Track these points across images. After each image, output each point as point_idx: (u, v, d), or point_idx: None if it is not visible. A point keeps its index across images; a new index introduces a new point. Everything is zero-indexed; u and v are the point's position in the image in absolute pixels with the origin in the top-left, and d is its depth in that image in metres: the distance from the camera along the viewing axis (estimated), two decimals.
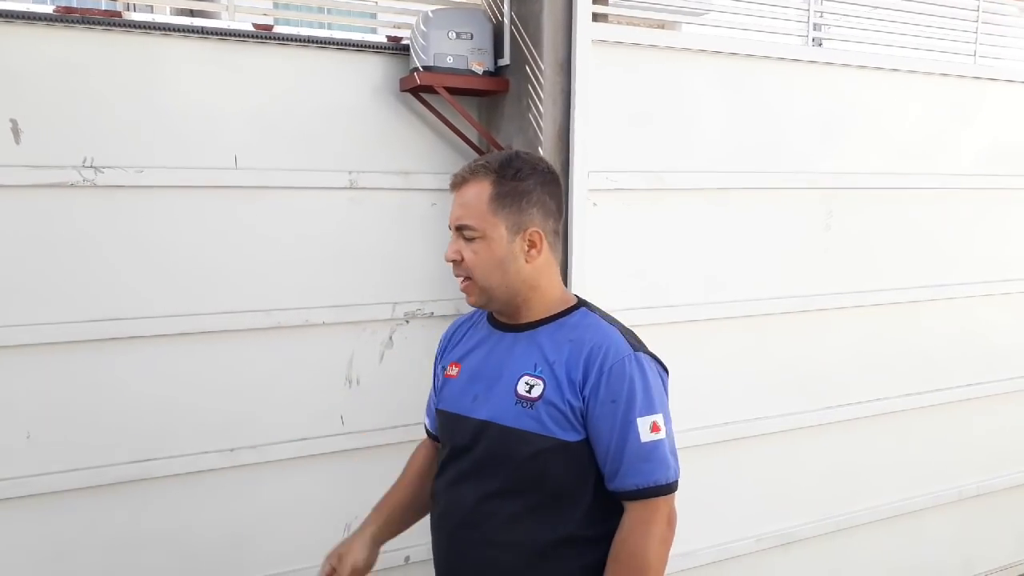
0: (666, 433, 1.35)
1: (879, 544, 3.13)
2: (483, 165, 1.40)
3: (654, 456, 1.33)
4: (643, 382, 1.35)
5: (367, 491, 2.52)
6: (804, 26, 2.71)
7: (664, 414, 1.36)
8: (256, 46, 2.24)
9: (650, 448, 1.33)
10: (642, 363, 1.36)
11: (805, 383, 2.85)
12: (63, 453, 2.16)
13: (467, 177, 1.40)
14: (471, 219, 1.38)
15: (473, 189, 1.39)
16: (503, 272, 1.38)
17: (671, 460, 1.36)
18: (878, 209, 2.90)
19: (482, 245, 1.37)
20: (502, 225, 1.37)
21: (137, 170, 2.14)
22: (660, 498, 1.34)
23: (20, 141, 2.03)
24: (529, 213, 1.39)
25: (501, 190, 1.37)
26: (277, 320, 2.34)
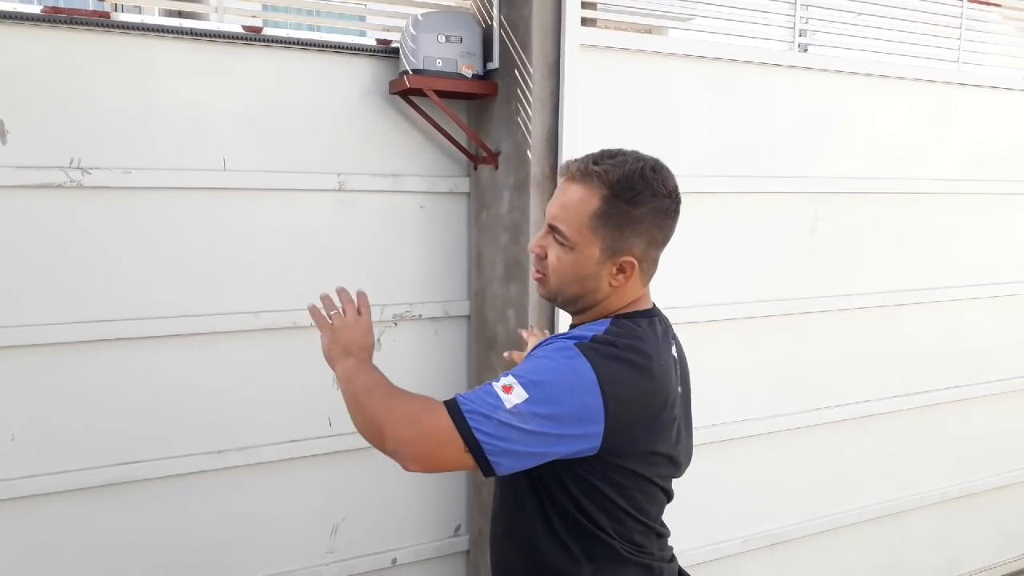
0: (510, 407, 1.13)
1: (865, 545, 3.16)
2: (601, 173, 1.22)
3: (482, 396, 1.16)
4: (550, 364, 1.18)
5: (354, 494, 2.55)
6: (790, 32, 2.74)
7: (531, 396, 1.14)
8: (245, 48, 2.24)
9: (487, 390, 1.16)
10: (570, 353, 1.18)
11: (791, 385, 2.87)
12: (49, 455, 2.15)
13: (580, 178, 1.24)
14: (566, 226, 1.24)
15: (580, 194, 1.23)
16: (580, 287, 1.27)
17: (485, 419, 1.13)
18: (863, 213, 2.92)
19: (569, 255, 1.25)
20: (597, 245, 1.24)
21: (124, 171, 2.14)
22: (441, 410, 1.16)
23: (6, 141, 2.03)
24: (630, 241, 1.24)
25: (608, 210, 1.22)
26: (265, 322, 2.34)
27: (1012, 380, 3.39)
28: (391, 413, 1.21)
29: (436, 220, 2.57)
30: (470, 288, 2.65)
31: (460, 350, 2.67)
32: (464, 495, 2.75)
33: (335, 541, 2.55)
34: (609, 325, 1.27)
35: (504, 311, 2.46)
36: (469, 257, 2.64)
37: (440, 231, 2.58)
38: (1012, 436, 3.46)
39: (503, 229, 2.44)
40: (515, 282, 2.40)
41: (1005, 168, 3.23)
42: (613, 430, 1.18)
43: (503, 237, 2.44)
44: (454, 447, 1.15)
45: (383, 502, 2.60)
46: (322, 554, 2.54)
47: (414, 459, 1.18)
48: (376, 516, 2.60)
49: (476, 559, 2.73)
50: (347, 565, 2.56)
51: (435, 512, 2.70)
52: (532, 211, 2.31)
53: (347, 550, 2.57)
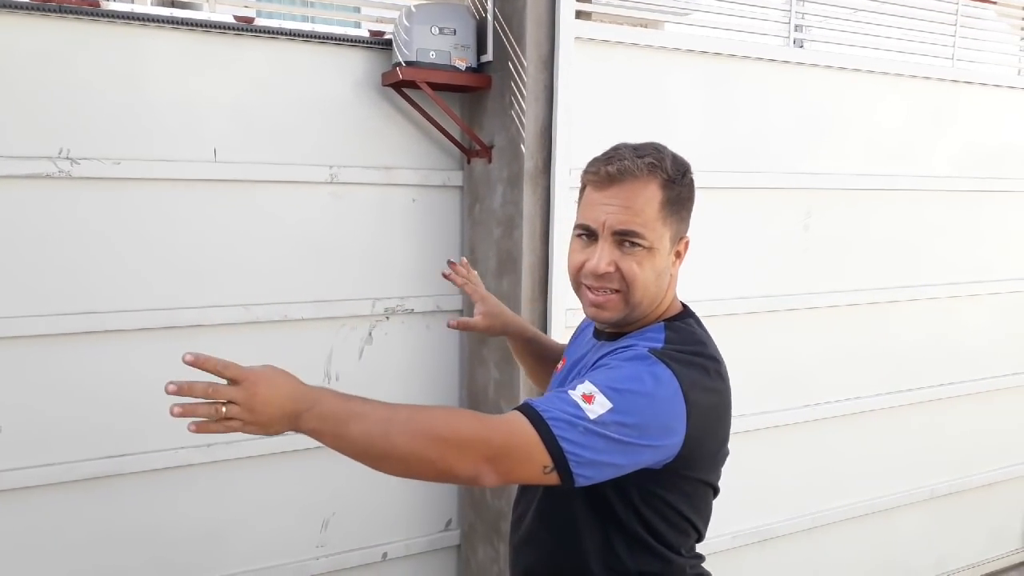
0: (595, 418, 1.05)
1: (854, 541, 3.17)
2: (654, 163, 1.17)
3: (562, 404, 1.07)
4: (630, 372, 1.10)
5: (344, 488, 2.54)
6: (785, 27, 2.73)
7: (615, 406, 1.06)
8: (236, 38, 2.22)
9: (567, 399, 1.07)
10: (652, 365, 1.11)
11: (781, 382, 2.87)
12: (37, 448, 2.13)
13: (628, 177, 1.16)
14: (642, 227, 1.16)
15: (641, 190, 1.16)
16: (658, 286, 1.21)
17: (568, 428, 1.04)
18: (857, 210, 2.92)
19: (647, 257, 1.17)
20: (667, 236, 1.19)
21: (114, 162, 2.12)
22: (523, 421, 1.05)
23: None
24: (686, 222, 1.23)
25: (672, 195, 1.18)
26: (255, 315, 2.33)
27: (1002, 378, 3.40)
28: (445, 439, 1.03)
29: (429, 213, 2.55)
30: None
31: (452, 344, 2.66)
32: (455, 490, 2.74)
33: (325, 535, 2.54)
34: (666, 332, 1.21)
35: None
36: (461, 251, 2.62)
37: (433, 225, 2.57)
38: (1001, 434, 3.48)
39: (496, 223, 2.42)
40: (508, 276, 2.39)
41: (999, 165, 3.23)
42: (691, 437, 1.12)
43: (496, 231, 2.43)
44: (537, 458, 1.04)
45: (373, 496, 2.59)
46: (312, 548, 2.53)
47: (496, 477, 1.05)
48: (366, 510, 2.59)
49: (467, 553, 2.73)
50: (337, 559, 2.56)
51: (426, 506, 2.70)
52: (525, 205, 2.30)
53: (337, 544, 2.56)
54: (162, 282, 2.22)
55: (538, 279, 2.35)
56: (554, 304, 2.32)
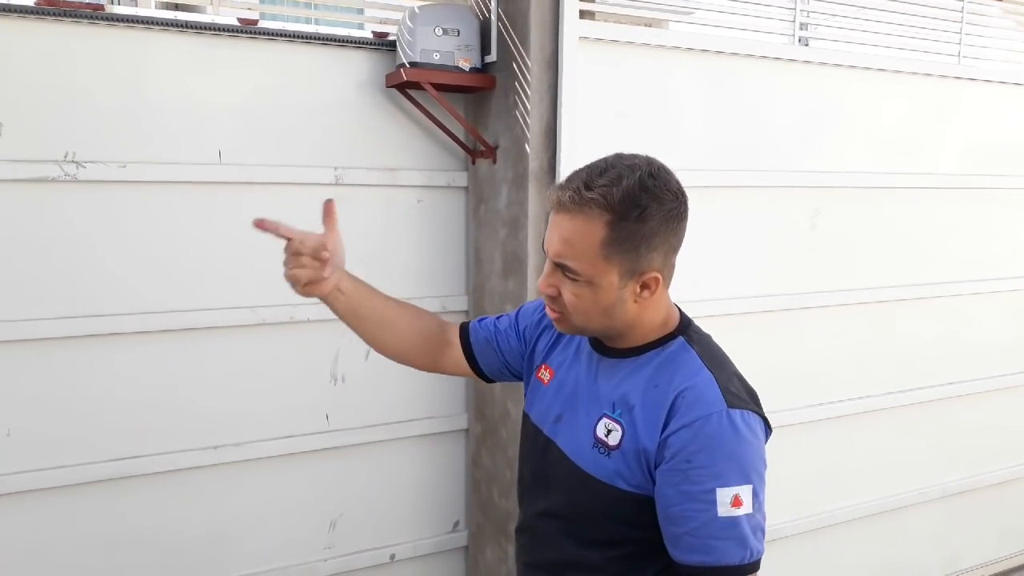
0: (753, 508, 1.09)
1: (863, 541, 3.15)
2: (598, 198, 1.09)
3: (728, 533, 1.08)
4: (731, 446, 1.11)
5: (352, 489, 2.54)
6: (790, 25, 2.72)
7: (754, 487, 1.10)
8: (240, 41, 2.22)
9: (726, 523, 1.08)
10: (735, 422, 1.11)
11: (789, 381, 2.86)
12: (43, 450, 2.14)
13: (574, 207, 1.11)
14: (575, 262, 1.12)
15: (581, 225, 1.11)
16: (607, 317, 1.17)
17: (751, 539, 1.09)
18: (863, 208, 2.91)
19: (586, 290, 1.14)
20: (615, 272, 1.13)
21: (120, 165, 2.12)
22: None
23: (0, 135, 2.01)
24: (648, 258, 1.14)
25: (618, 234, 1.10)
26: (262, 317, 2.33)
27: (1012, 376, 3.38)
28: None
29: (434, 215, 2.55)
30: (468, 283, 2.63)
31: None
32: (463, 491, 2.74)
33: (333, 537, 2.54)
34: (693, 347, 1.21)
35: (503, 306, 2.44)
36: (467, 252, 2.62)
37: (438, 226, 2.57)
38: (1012, 432, 3.45)
39: (501, 224, 2.42)
40: (513, 277, 2.39)
41: (1006, 163, 3.21)
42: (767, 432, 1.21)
43: (501, 232, 2.42)
44: None
45: (381, 498, 2.59)
46: (320, 550, 2.53)
47: None
48: (374, 512, 2.59)
49: (475, 555, 2.72)
50: (345, 561, 2.55)
51: (433, 508, 2.69)
52: (531, 205, 2.29)
53: (345, 546, 2.56)
54: (168, 284, 2.22)
55: None
56: None
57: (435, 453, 2.67)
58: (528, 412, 1.37)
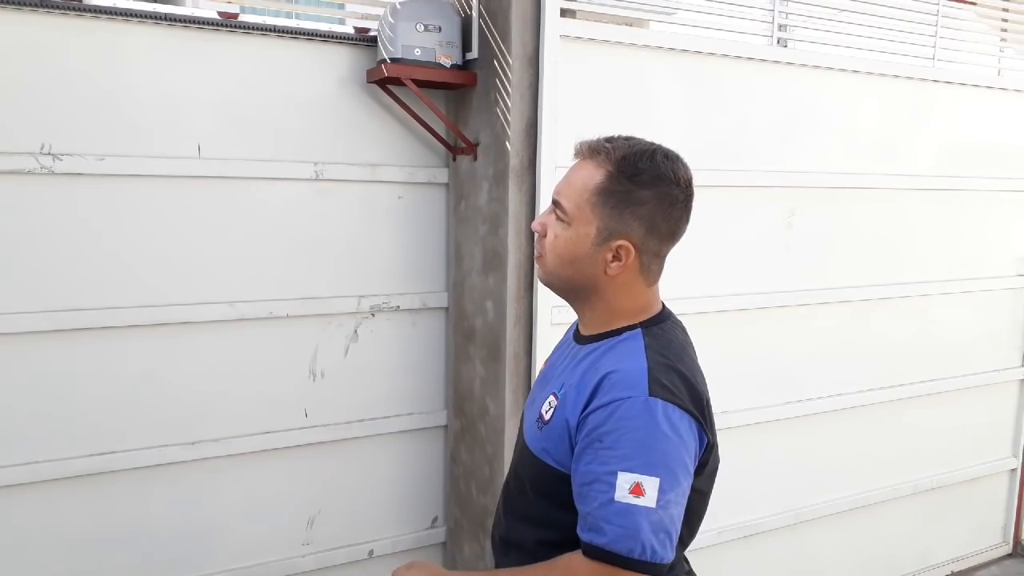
0: (656, 503, 1.08)
1: (838, 536, 3.20)
2: (609, 150, 1.19)
3: (620, 520, 1.08)
4: (644, 433, 1.09)
5: (331, 485, 2.54)
6: (769, 27, 2.75)
7: (663, 482, 1.08)
8: (220, 34, 2.21)
9: (620, 509, 1.08)
10: (653, 411, 1.10)
11: (766, 379, 2.89)
12: (20, 446, 2.12)
13: (588, 154, 1.21)
14: (567, 201, 1.21)
15: (586, 170, 1.20)
16: (574, 269, 1.22)
17: (646, 535, 1.08)
18: (839, 207, 2.95)
19: (565, 232, 1.21)
20: (595, 224, 1.19)
21: (97, 158, 2.11)
22: (617, 570, 1.09)
23: None
24: (629, 224, 1.19)
25: (611, 186, 1.18)
26: (241, 312, 2.32)
27: (983, 374, 3.44)
28: None
29: (414, 211, 2.55)
30: (448, 279, 2.64)
31: (438, 342, 2.67)
32: (441, 487, 2.74)
33: (311, 533, 2.53)
34: (644, 338, 1.21)
35: (483, 303, 2.45)
36: (447, 248, 2.63)
37: (418, 222, 2.57)
38: (983, 429, 3.52)
39: (482, 220, 2.43)
40: (494, 273, 2.39)
41: (978, 164, 3.27)
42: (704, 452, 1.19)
43: (482, 228, 2.43)
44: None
45: (360, 494, 2.59)
46: (299, 546, 2.52)
47: None
48: (353, 508, 2.59)
49: (452, 550, 2.73)
50: (324, 557, 2.55)
51: (412, 504, 2.70)
52: (511, 202, 2.30)
53: (324, 542, 2.56)
54: (149, 279, 2.21)
55: (524, 276, 2.35)
56: (539, 301, 2.32)
57: (414, 449, 2.68)
58: None
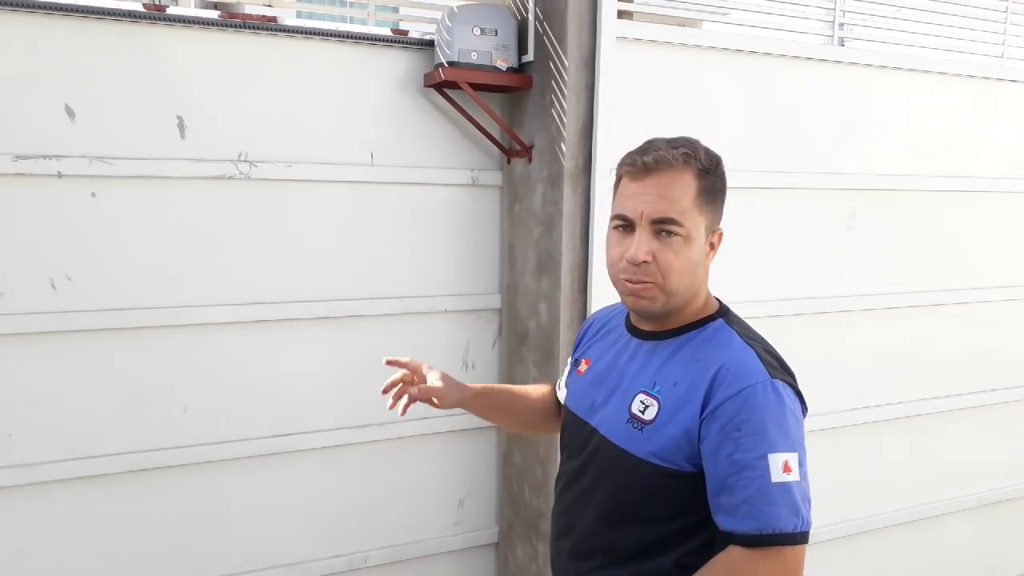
0: (800, 476, 1.12)
1: (898, 549, 3.11)
2: (688, 154, 1.19)
3: (783, 500, 1.10)
4: (778, 414, 1.14)
5: (479, 470, 2.69)
6: (828, 25, 2.70)
7: (799, 455, 1.13)
8: (290, 41, 2.27)
9: (780, 490, 1.10)
10: (779, 391, 1.15)
11: (825, 385, 2.82)
12: (215, 424, 2.33)
13: (664, 166, 1.18)
14: (679, 215, 1.17)
15: (676, 179, 1.18)
16: (693, 276, 1.22)
17: (802, 507, 1.12)
18: (901, 211, 2.87)
19: (683, 246, 1.19)
20: (703, 225, 1.20)
21: (287, 164, 2.27)
22: (784, 548, 1.10)
23: (185, 136, 2.16)
24: (720, 211, 1.24)
25: (706, 184, 1.19)
26: (407, 307, 2.48)
27: None
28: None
29: (468, 213, 2.57)
30: (501, 282, 2.65)
31: (490, 344, 2.67)
32: (493, 487, 2.75)
33: (461, 513, 2.68)
34: (733, 328, 1.24)
35: (536, 305, 2.45)
36: (501, 251, 2.64)
37: (472, 224, 2.58)
38: None
39: (536, 222, 2.43)
40: (547, 276, 2.39)
41: None
42: None
43: (536, 231, 2.43)
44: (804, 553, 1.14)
45: (414, 493, 2.62)
46: (450, 525, 2.67)
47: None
48: (411, 507, 2.63)
49: (505, 552, 2.73)
50: (471, 537, 2.70)
51: (465, 504, 2.71)
52: (566, 204, 2.30)
53: (471, 523, 2.70)
54: (329, 275, 2.40)
55: (578, 279, 2.35)
56: (593, 303, 2.31)
57: (465, 450, 2.69)
58: (567, 405, 1.41)
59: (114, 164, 2.12)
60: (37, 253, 2.09)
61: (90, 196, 2.12)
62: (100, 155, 2.11)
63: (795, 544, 1.11)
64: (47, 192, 2.08)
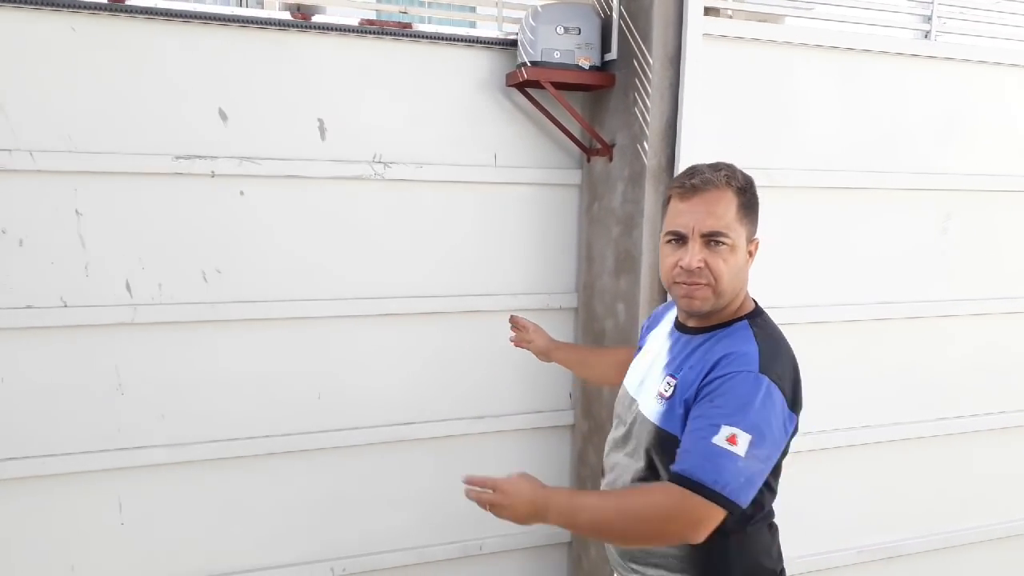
0: (746, 454, 1.27)
1: (991, 565, 2.97)
2: (728, 176, 1.42)
3: (713, 459, 1.28)
4: (751, 400, 1.30)
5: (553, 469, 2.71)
6: (920, 19, 2.60)
7: (755, 439, 1.28)
8: (379, 42, 2.32)
9: (715, 451, 1.28)
10: (761, 383, 1.32)
11: (918, 392, 2.73)
12: (343, 413, 2.44)
13: (711, 187, 1.41)
14: (726, 228, 1.40)
15: (720, 198, 1.41)
16: (739, 280, 1.44)
17: (728, 475, 1.26)
18: (999, 212, 2.75)
19: (730, 253, 1.41)
20: (744, 235, 1.43)
21: (417, 166, 2.35)
22: (695, 496, 1.27)
23: (325, 138, 2.27)
24: (756, 223, 1.47)
25: (744, 201, 1.43)
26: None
27: None
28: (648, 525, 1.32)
29: (546, 212, 2.57)
30: (578, 281, 2.64)
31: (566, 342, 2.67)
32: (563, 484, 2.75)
33: None
34: (752, 329, 1.42)
35: (613, 305, 2.43)
36: (579, 249, 2.63)
37: (550, 223, 2.58)
38: None
39: (615, 221, 2.41)
40: (625, 275, 2.37)
41: None
42: (796, 428, 1.40)
43: (615, 230, 2.42)
44: (715, 515, 1.29)
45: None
46: None
47: (694, 539, 1.31)
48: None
49: (578, 552, 2.72)
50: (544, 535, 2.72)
51: None
52: (647, 204, 2.27)
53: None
54: (458, 271, 2.49)
55: (658, 278, 2.32)
56: None
57: (539, 448, 2.69)
58: (624, 381, 1.66)
59: (261, 164, 2.24)
60: (191, 247, 2.22)
61: (239, 194, 2.23)
62: (249, 156, 2.23)
63: (706, 498, 1.27)
64: (201, 190, 2.20)
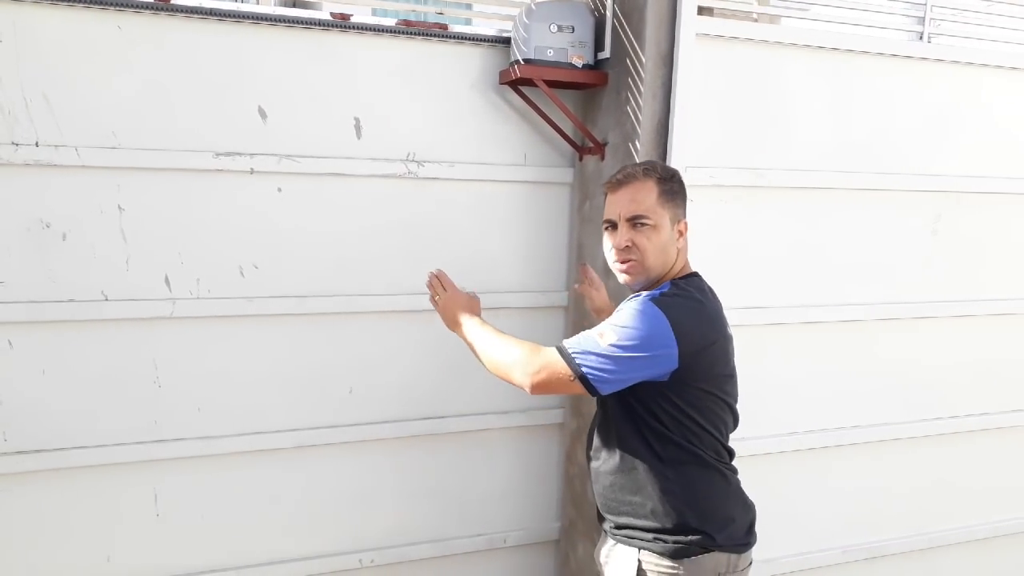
0: (606, 346, 1.55)
1: (976, 566, 2.99)
2: (648, 169, 1.70)
3: (582, 339, 1.60)
4: (631, 314, 1.58)
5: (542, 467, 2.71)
6: (914, 21, 2.60)
7: (620, 336, 1.55)
8: (377, 39, 2.31)
9: (585, 337, 1.60)
10: (646, 305, 1.58)
11: (903, 393, 2.75)
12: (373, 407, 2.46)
13: (634, 181, 1.69)
14: (646, 211, 1.67)
15: (641, 187, 1.69)
16: (665, 256, 1.69)
17: (585, 355, 1.56)
18: (990, 214, 2.76)
19: (653, 232, 1.67)
20: (667, 217, 1.68)
21: (449, 164, 2.38)
22: (552, 352, 1.61)
23: (361, 137, 2.28)
24: (682, 208, 1.73)
25: (665, 188, 1.69)
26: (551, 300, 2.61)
27: None
28: (511, 356, 1.66)
29: (538, 210, 2.57)
30: (570, 279, 2.64)
31: (557, 340, 2.66)
32: (556, 485, 2.75)
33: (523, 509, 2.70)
34: (669, 286, 1.67)
35: None
36: (570, 248, 2.63)
37: (541, 221, 2.58)
38: None
39: None
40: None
41: None
42: (685, 353, 1.56)
43: None
44: (566, 377, 1.59)
45: (476, 487, 2.63)
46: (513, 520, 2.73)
47: (536, 388, 1.62)
48: (470, 500, 2.64)
49: (566, 549, 2.73)
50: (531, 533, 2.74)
51: (527, 499, 2.72)
52: None
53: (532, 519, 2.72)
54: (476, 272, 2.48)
55: None
56: None
57: (530, 447, 2.70)
58: None
59: (299, 162, 2.25)
60: (229, 243, 2.24)
61: (276, 191, 2.25)
62: (287, 153, 2.24)
63: (561, 356, 1.59)
64: (240, 187, 2.22)
